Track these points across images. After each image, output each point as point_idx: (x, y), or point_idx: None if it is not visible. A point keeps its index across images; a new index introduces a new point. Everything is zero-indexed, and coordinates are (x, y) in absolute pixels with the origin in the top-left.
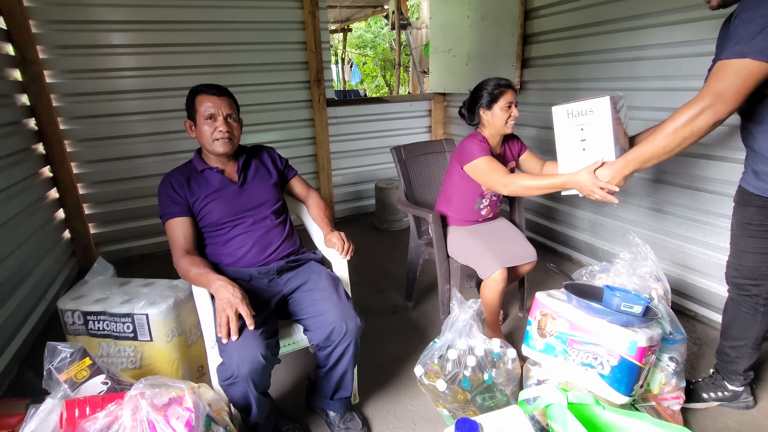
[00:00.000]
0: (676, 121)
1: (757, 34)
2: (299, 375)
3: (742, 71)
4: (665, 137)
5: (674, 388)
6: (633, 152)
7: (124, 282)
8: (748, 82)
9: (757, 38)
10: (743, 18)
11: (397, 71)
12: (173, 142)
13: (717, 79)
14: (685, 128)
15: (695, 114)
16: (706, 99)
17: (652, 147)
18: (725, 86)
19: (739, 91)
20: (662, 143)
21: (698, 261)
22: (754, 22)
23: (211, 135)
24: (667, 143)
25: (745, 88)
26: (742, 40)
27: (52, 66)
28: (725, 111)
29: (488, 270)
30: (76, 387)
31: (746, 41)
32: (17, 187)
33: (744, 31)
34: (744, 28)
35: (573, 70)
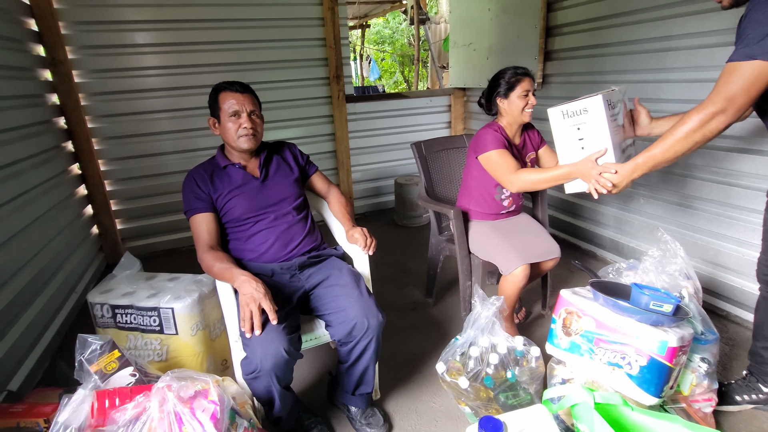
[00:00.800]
0: (687, 125)
1: (766, 35)
2: (321, 370)
3: (752, 73)
4: (677, 142)
5: (706, 390)
6: (643, 155)
7: (150, 276)
8: (758, 84)
9: (766, 39)
10: (752, 19)
11: (416, 66)
12: (196, 139)
13: (726, 83)
14: (696, 133)
15: (706, 119)
16: (717, 103)
17: (663, 152)
18: (735, 90)
19: (749, 93)
20: (674, 148)
21: (730, 258)
22: (763, 23)
23: (236, 131)
24: (679, 148)
25: (755, 89)
26: (752, 41)
27: (80, 66)
28: (736, 114)
29: (510, 266)
30: (106, 378)
31: (755, 42)
32: (49, 183)
33: (753, 33)
34: (753, 30)
35: (598, 62)
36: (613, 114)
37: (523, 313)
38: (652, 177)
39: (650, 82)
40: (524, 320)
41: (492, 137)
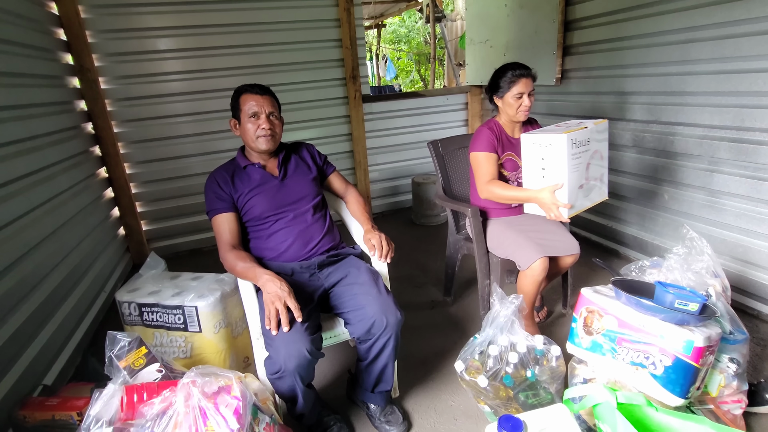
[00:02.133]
0: None
1: None
2: (340, 368)
3: None
4: None
5: (735, 391)
6: None
7: (175, 276)
8: None
9: None
10: None
11: (432, 65)
12: (217, 141)
13: None
14: None
15: None
16: None
17: None
18: None
19: None
20: None
21: (761, 256)
22: None
23: (255, 132)
24: None
25: None
26: None
27: (106, 73)
28: None
29: (528, 260)
30: (134, 374)
31: None
32: (78, 187)
33: None
34: None
35: (619, 56)
36: (577, 152)
37: (545, 312)
38: (678, 172)
39: (674, 75)
40: (545, 319)
41: (484, 137)
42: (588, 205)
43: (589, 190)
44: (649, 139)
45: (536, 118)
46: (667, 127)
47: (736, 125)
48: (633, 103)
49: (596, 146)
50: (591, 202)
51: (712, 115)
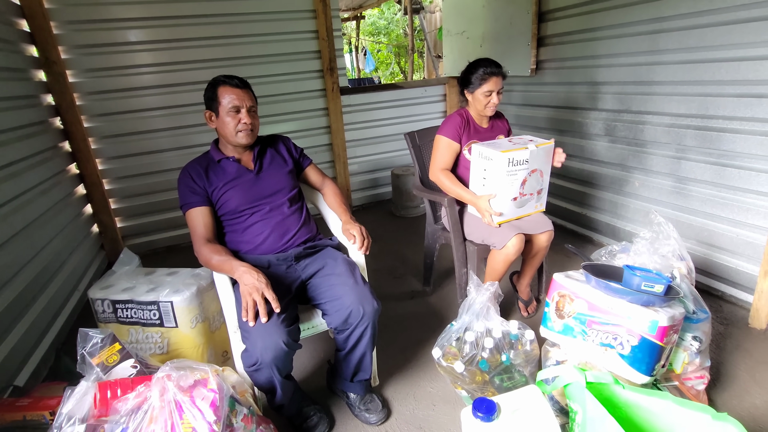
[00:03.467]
0: None
1: None
2: (320, 359)
3: None
4: None
5: (698, 368)
6: None
7: (149, 272)
8: None
9: None
10: None
11: (410, 56)
12: (192, 135)
13: None
14: None
15: None
16: None
17: None
18: None
19: None
20: None
21: (725, 239)
22: None
23: (235, 127)
24: None
25: None
26: None
27: (74, 65)
28: None
29: (504, 239)
30: (108, 370)
31: None
32: (47, 183)
33: None
34: None
35: (591, 46)
36: (513, 170)
37: (534, 306)
38: (647, 160)
39: (643, 65)
40: (533, 314)
41: (452, 124)
42: (520, 215)
43: (523, 203)
44: (620, 128)
45: (513, 108)
46: (637, 116)
47: (700, 113)
48: (605, 93)
49: (536, 165)
50: (524, 213)
51: (679, 103)
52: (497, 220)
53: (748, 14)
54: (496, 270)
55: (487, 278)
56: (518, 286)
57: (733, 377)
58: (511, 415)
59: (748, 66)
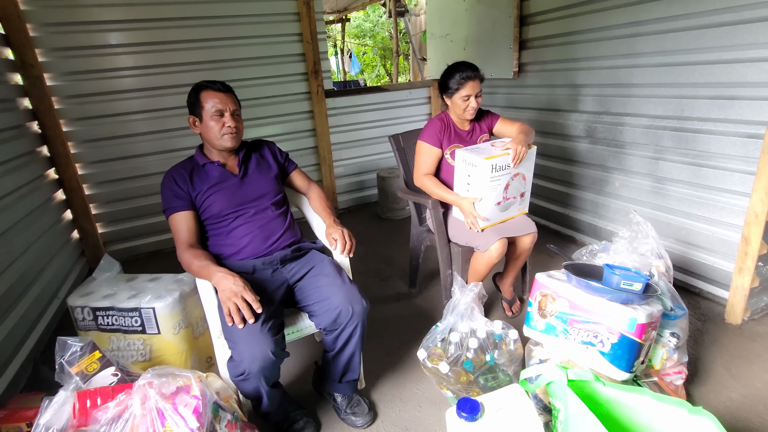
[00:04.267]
0: None
1: None
2: (306, 362)
3: None
4: None
5: (676, 363)
6: None
7: (131, 278)
8: None
9: None
10: None
11: (395, 59)
12: (175, 139)
13: None
14: None
15: None
16: None
17: None
18: None
19: None
20: None
21: (701, 237)
22: None
23: (220, 131)
24: None
25: None
26: None
27: (52, 69)
28: None
29: (487, 243)
30: (88, 379)
31: None
32: (24, 189)
33: None
34: None
35: (571, 49)
36: (496, 176)
37: (518, 306)
38: (627, 161)
39: (621, 68)
40: (518, 313)
41: (432, 130)
42: (504, 218)
43: (506, 206)
44: (600, 129)
45: (496, 110)
46: (617, 117)
47: (677, 115)
48: (585, 95)
49: (519, 169)
50: (507, 216)
51: (656, 105)
52: (481, 225)
53: (720, 18)
54: (479, 272)
55: (470, 280)
56: (501, 287)
57: (710, 371)
58: (495, 414)
59: (721, 69)
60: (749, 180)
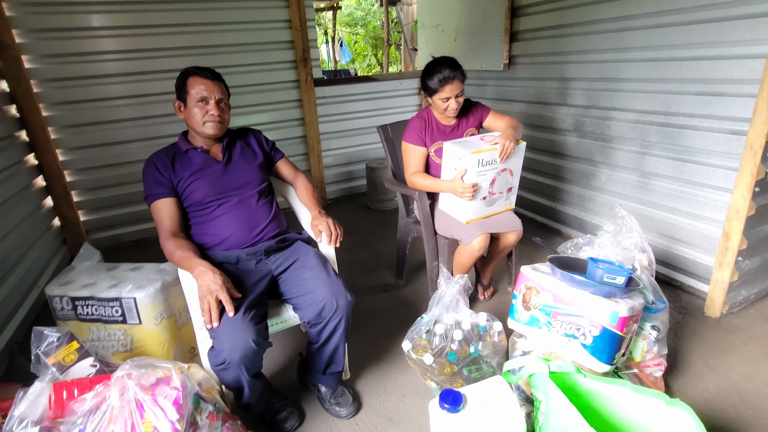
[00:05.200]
0: None
1: None
2: (291, 353)
3: None
4: None
5: (656, 356)
6: None
7: (112, 267)
8: None
9: None
10: None
11: (385, 49)
12: (160, 126)
13: None
14: None
15: None
16: None
17: None
18: None
19: None
20: None
21: (684, 232)
22: None
23: (202, 117)
24: None
25: None
26: None
27: (30, 50)
28: None
29: (470, 237)
30: (65, 370)
31: None
32: (1, 175)
33: None
34: None
35: (561, 42)
36: (482, 170)
37: (491, 291)
38: (613, 155)
39: (610, 62)
40: (489, 298)
41: (414, 129)
42: (489, 213)
43: (492, 201)
44: (588, 123)
45: (486, 103)
46: (604, 112)
47: (663, 110)
48: (574, 89)
49: (506, 165)
50: (493, 211)
51: (644, 100)
52: (465, 219)
53: (707, 15)
54: (462, 264)
55: (454, 271)
56: (481, 272)
57: (688, 364)
58: (478, 405)
59: (707, 65)
60: (732, 176)
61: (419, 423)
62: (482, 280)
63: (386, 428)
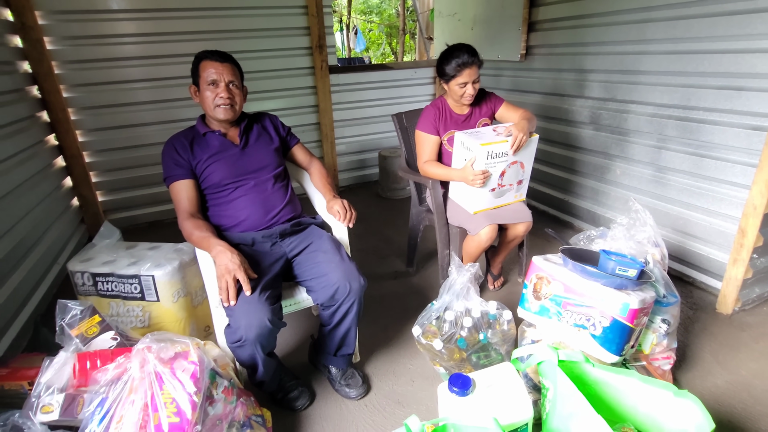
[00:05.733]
0: None
1: None
2: (302, 335)
3: None
4: None
5: (665, 349)
6: None
7: (131, 245)
8: None
9: None
10: None
11: (401, 37)
12: (177, 110)
13: None
14: None
15: None
16: None
17: None
18: None
19: None
20: None
21: (699, 228)
22: None
23: (213, 101)
24: None
25: None
26: None
27: (52, 32)
28: None
29: (477, 227)
30: (87, 342)
31: None
32: (24, 154)
33: None
34: None
35: (580, 33)
36: (492, 162)
37: (501, 281)
38: (629, 149)
39: (630, 54)
40: (499, 288)
41: (428, 118)
42: (498, 204)
43: (501, 193)
44: (604, 116)
45: (502, 93)
46: (622, 104)
47: (682, 104)
48: (591, 81)
49: (517, 157)
50: (502, 203)
51: (662, 94)
52: (473, 209)
53: (733, 6)
54: (470, 254)
55: (463, 261)
56: (492, 261)
57: (698, 358)
58: (486, 390)
59: (730, 58)
60: (750, 172)
61: (427, 406)
62: (492, 269)
63: (394, 410)
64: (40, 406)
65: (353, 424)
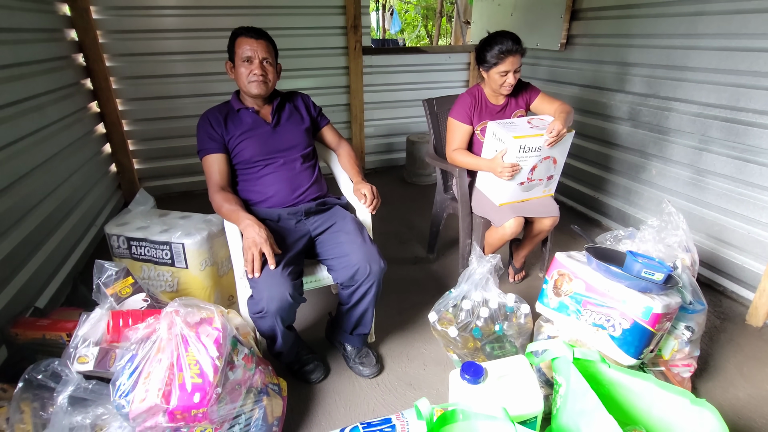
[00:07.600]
0: None
1: None
2: (321, 311)
3: None
4: None
5: (686, 356)
6: None
7: (163, 213)
8: None
9: None
10: None
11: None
12: (212, 84)
13: None
14: None
15: None
16: None
17: None
18: None
19: None
20: None
21: (735, 235)
22: None
23: (247, 77)
24: None
25: None
26: None
27: (98, 1)
28: None
29: (502, 219)
30: (121, 301)
31: None
32: (69, 119)
33: None
34: None
35: (626, 24)
36: (523, 156)
37: (522, 275)
38: (668, 148)
39: (678, 49)
40: (519, 281)
41: (463, 106)
42: (525, 198)
43: (530, 187)
44: (644, 113)
45: (538, 84)
46: (664, 102)
47: (731, 105)
48: (634, 75)
49: (551, 153)
50: (530, 196)
51: (709, 92)
52: (500, 201)
53: None
54: (492, 245)
55: (484, 251)
56: (515, 254)
57: (720, 369)
58: (498, 380)
59: None
60: None
61: (437, 391)
62: (515, 262)
63: (405, 391)
64: (77, 356)
65: (365, 401)
